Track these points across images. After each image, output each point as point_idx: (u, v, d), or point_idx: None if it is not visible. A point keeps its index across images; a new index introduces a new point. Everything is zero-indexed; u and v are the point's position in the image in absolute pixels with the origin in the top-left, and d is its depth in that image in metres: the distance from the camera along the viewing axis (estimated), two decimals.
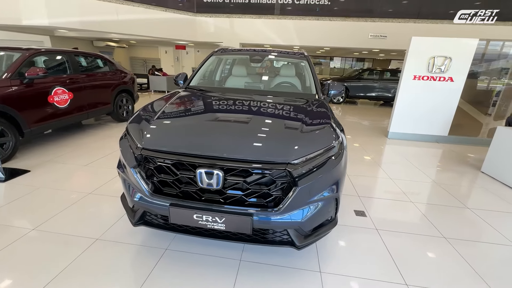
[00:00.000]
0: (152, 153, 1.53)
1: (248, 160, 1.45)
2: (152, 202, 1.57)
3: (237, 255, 1.89)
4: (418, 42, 4.77)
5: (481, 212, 2.68)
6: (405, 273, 1.81)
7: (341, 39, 8.28)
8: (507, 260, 2.02)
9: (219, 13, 8.53)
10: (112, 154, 3.74)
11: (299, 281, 1.70)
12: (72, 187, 2.76)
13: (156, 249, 1.92)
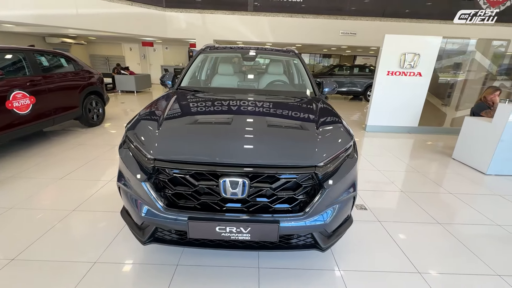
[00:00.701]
0: (167, 164, 1.39)
1: (275, 166, 1.38)
2: (167, 218, 1.43)
3: (254, 263, 1.83)
4: (390, 40, 5.06)
5: (463, 196, 2.93)
6: (414, 261, 1.90)
7: (314, 36, 8.47)
8: (492, 237, 2.23)
9: (190, 9, 8.16)
10: (89, 163, 3.38)
11: (324, 282, 1.69)
12: (51, 205, 2.43)
13: (166, 266, 1.76)
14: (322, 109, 2.03)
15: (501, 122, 3.35)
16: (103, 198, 2.58)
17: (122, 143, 1.71)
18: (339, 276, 1.74)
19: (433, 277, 1.76)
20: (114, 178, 2.95)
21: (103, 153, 3.77)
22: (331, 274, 1.75)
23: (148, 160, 1.43)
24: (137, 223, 1.59)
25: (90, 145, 4.08)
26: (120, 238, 2.02)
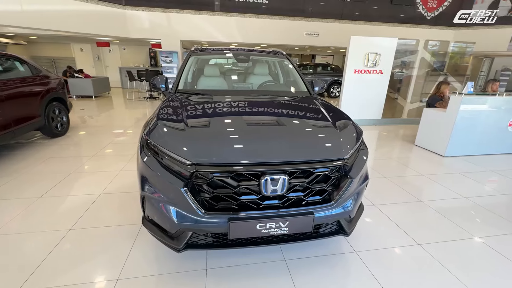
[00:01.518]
0: (209, 168, 1.39)
1: (311, 161, 1.49)
2: (207, 222, 1.44)
3: (279, 257, 1.91)
4: (355, 41, 5.54)
5: (432, 176, 3.41)
6: (412, 235, 2.19)
7: (280, 36, 8.76)
8: (462, 208, 2.66)
9: (152, 7, 7.76)
10: (69, 177, 3.07)
11: (346, 264, 1.86)
12: (41, 226, 2.18)
13: (195, 272, 1.75)
14: (326, 106, 2.20)
15: (454, 111, 3.96)
16: (101, 211, 2.40)
17: (141, 150, 1.65)
18: (357, 256, 1.93)
19: (430, 246, 2.06)
20: (106, 190, 2.77)
21: (81, 165, 3.45)
22: (350, 256, 1.93)
23: (186, 166, 1.41)
24: (169, 231, 1.56)
25: (62, 158, 3.69)
26: (136, 251, 1.92)
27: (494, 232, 2.27)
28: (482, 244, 2.12)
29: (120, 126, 5.54)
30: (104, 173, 3.21)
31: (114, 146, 4.25)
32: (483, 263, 1.91)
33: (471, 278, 1.75)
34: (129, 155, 3.81)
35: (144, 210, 1.71)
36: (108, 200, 2.61)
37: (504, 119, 4.19)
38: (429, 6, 9.35)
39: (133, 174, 3.19)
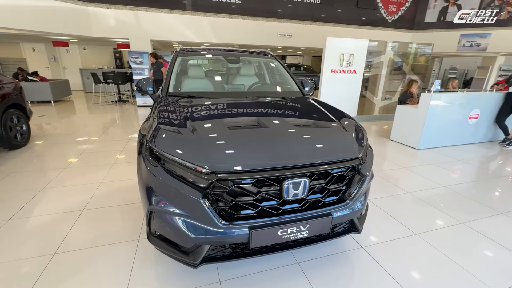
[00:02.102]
0: (231, 176, 1.31)
1: (329, 162, 1.48)
2: (227, 233, 1.36)
3: (291, 260, 1.89)
4: (331, 42, 5.74)
5: (411, 168, 3.66)
6: (408, 225, 2.32)
7: (254, 36, 8.77)
8: (442, 194, 2.90)
9: (119, 4, 7.24)
10: (40, 194, 2.72)
11: (355, 259, 1.90)
12: (19, 254, 1.89)
13: (210, 285, 1.65)
14: (326, 106, 2.23)
15: (425, 107, 4.30)
16: (89, 229, 2.16)
17: (145, 160, 1.51)
18: (364, 252, 1.98)
19: (426, 235, 2.20)
20: (88, 206, 2.51)
21: (52, 178, 3.08)
22: (358, 253, 1.98)
23: (205, 175, 1.31)
24: (183, 246, 1.44)
25: (26, 172, 3.26)
26: (139, 269, 1.76)
27: (473, 217, 2.50)
28: (468, 228, 2.32)
29: (89, 133, 5.07)
30: (81, 187, 2.91)
31: (87, 155, 3.88)
32: (471, 245, 2.09)
33: (467, 261, 1.91)
34: (105, 165, 3.51)
35: (150, 226, 1.56)
36: (93, 216, 2.36)
37: (465, 113, 4.66)
38: (390, 10, 10.08)
39: (115, 186, 2.94)
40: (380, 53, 6.52)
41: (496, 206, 2.71)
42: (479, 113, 4.75)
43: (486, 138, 5.14)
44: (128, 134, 5.09)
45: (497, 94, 4.78)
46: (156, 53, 6.84)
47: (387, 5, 9.95)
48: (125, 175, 3.22)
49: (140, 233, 2.14)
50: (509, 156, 4.39)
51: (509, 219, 2.47)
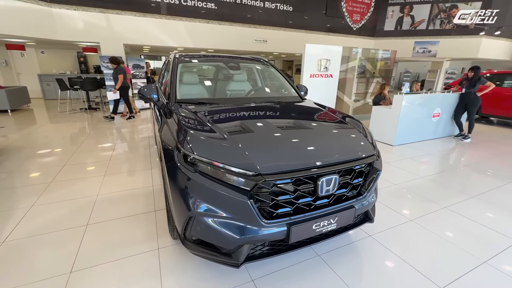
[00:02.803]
0: (274, 177, 1.40)
1: (353, 159, 1.65)
2: (269, 231, 1.45)
3: (312, 254, 2.02)
4: (309, 48, 6.08)
5: (392, 163, 4.06)
6: (403, 213, 2.60)
7: (231, 42, 8.85)
8: (422, 185, 3.28)
9: (87, 6, 6.80)
10: (31, 211, 2.50)
11: (368, 247, 2.10)
12: (27, 276, 1.74)
13: (244, 285, 1.71)
14: (329, 109, 2.42)
15: (398, 107, 4.79)
16: (97, 245, 2.06)
17: (178, 166, 1.52)
18: (373, 240, 2.20)
19: (419, 220, 2.50)
20: (91, 221, 2.37)
21: (40, 194, 2.84)
22: (368, 241, 2.18)
23: (251, 177, 1.38)
24: (225, 248, 1.49)
25: (6, 190, 2.95)
26: (167, 277, 1.75)
27: (452, 202, 2.89)
28: (450, 211, 2.68)
29: (62, 145, 4.71)
30: (75, 201, 2.73)
31: (69, 168, 3.61)
32: (456, 225, 2.43)
33: (455, 238, 2.22)
34: (94, 177, 3.32)
35: (186, 231, 1.57)
36: (99, 230, 2.25)
37: (429, 112, 5.29)
38: (354, 19, 10.92)
39: (111, 198, 2.82)
40: (347, 59, 7.02)
41: (467, 191, 3.15)
42: (440, 112, 5.41)
43: (445, 133, 5.86)
44: (110, 143, 4.82)
45: (454, 94, 5.51)
46: (116, 58, 6.39)
47: (351, 14, 10.76)
48: (118, 186, 3.09)
49: (157, 242, 2.11)
50: (465, 148, 5.07)
51: (480, 201, 2.91)
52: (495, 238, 2.27)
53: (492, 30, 9.80)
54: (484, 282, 1.78)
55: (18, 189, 2.98)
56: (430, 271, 1.86)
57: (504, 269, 1.90)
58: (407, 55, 11.18)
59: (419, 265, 1.92)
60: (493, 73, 7.36)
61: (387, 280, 1.79)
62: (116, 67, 6.41)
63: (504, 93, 6.78)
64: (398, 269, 1.89)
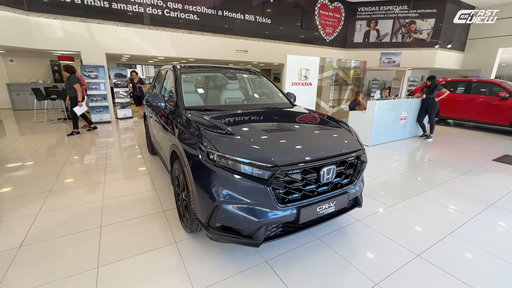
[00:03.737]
0: (288, 168, 1.71)
1: (346, 153, 2.01)
2: (282, 213, 1.75)
3: (312, 237, 2.35)
4: (290, 58, 6.57)
5: (370, 161, 4.56)
6: (383, 201, 3.03)
7: (213, 52, 9.13)
8: (399, 179, 3.79)
9: (68, 15, 6.70)
10: (39, 217, 2.55)
11: (358, 229, 2.47)
12: (55, 271, 1.85)
13: (259, 266, 1.97)
14: (319, 113, 2.81)
15: (371, 111, 5.38)
16: (116, 243, 2.20)
17: (204, 164, 1.78)
18: (360, 223, 2.58)
19: (398, 205, 2.94)
20: (104, 223, 2.49)
21: (42, 203, 2.86)
22: (357, 224, 2.56)
23: (269, 169, 1.68)
24: (246, 230, 1.75)
25: (12, 198, 2.93)
26: (191, 266, 1.96)
27: (423, 190, 3.40)
28: (422, 198, 3.17)
29: (51, 155, 4.63)
30: (82, 207, 2.81)
31: (65, 178, 3.62)
32: (428, 208, 2.91)
33: (426, 218, 2.68)
34: (91, 185, 3.39)
35: (209, 221, 1.81)
36: (114, 230, 2.39)
37: (397, 115, 5.97)
38: (327, 32, 11.79)
39: (118, 202, 2.94)
40: (322, 68, 7.63)
41: (432, 182, 3.71)
42: (406, 115, 6.13)
43: (411, 134, 6.60)
44: (100, 150, 4.82)
45: (417, 100, 6.28)
46: (70, 66, 5.86)
47: (324, 27, 11.62)
48: (120, 192, 3.20)
49: (173, 237, 2.30)
50: (428, 146, 5.79)
51: (442, 190, 3.44)
52: (455, 216, 2.77)
53: (445, 43, 11.16)
54: (450, 249, 2.22)
55: (15, 199, 2.97)
56: (408, 243, 2.27)
57: (465, 238, 2.37)
58: (375, 64, 12.25)
59: (399, 239, 2.32)
60: (447, 81, 8.42)
61: (376, 252, 2.16)
62: (70, 76, 5.78)
63: (457, 98, 7.79)
64: (383, 243, 2.27)
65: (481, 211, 2.86)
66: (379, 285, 1.80)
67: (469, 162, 4.62)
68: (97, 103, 7.56)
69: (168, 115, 2.68)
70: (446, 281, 1.86)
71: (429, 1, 10.99)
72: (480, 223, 2.63)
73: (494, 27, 10.79)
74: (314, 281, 1.84)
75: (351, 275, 1.91)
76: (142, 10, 7.69)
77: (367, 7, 11.91)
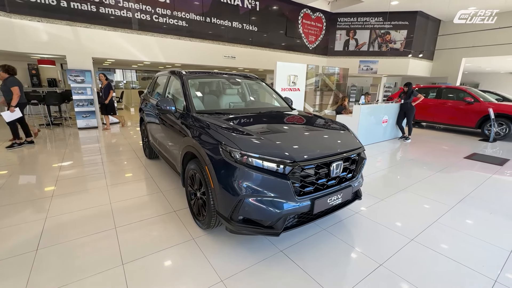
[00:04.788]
0: (305, 163, 1.93)
1: (350, 150, 2.26)
2: (301, 205, 1.95)
3: (319, 228, 2.57)
4: (280, 65, 6.89)
5: None
6: (376, 195, 3.34)
7: (202, 57, 9.25)
8: (387, 176, 4.16)
9: (53, 18, 6.53)
10: (49, 221, 2.54)
11: (358, 220, 2.73)
12: (82, 270, 1.90)
13: (275, 255, 2.15)
14: (318, 115, 3.07)
15: (357, 115, 5.80)
16: (135, 242, 2.28)
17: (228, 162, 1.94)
18: (359, 215, 2.85)
19: (389, 199, 3.26)
20: (117, 224, 2.55)
21: (47, 207, 2.83)
22: (356, 216, 2.82)
23: (288, 164, 1.88)
24: (267, 221, 1.93)
25: (14, 204, 2.86)
26: (213, 258, 2.09)
27: (408, 185, 3.77)
28: (409, 192, 3.52)
29: (45, 161, 4.50)
30: (92, 210, 2.83)
31: (65, 183, 3.58)
32: (414, 201, 3.26)
33: (414, 209, 3.02)
34: (96, 189, 3.39)
35: (232, 214, 1.96)
36: (130, 231, 2.45)
37: (379, 118, 6.46)
38: (310, 40, 12.37)
39: (126, 204, 2.98)
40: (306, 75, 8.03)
41: (416, 178, 4.11)
42: (387, 118, 6.65)
43: (392, 136, 7.14)
44: (95, 155, 4.75)
45: (396, 104, 6.83)
46: (11, 67, 5.14)
47: (307, 35, 12.18)
48: (127, 195, 3.24)
49: (190, 234, 2.41)
50: (408, 147, 6.31)
51: (425, 185, 3.84)
52: (438, 206, 3.13)
53: (417, 52, 12.15)
54: (438, 233, 2.54)
55: (15, 205, 2.91)
56: (402, 230, 2.56)
57: (448, 224, 2.71)
58: (354, 71, 13.00)
59: (394, 227, 2.61)
60: (420, 87, 9.19)
61: (376, 238, 2.43)
62: (8, 78, 4.99)
63: (429, 103, 8.53)
64: (381, 231, 2.55)
65: (458, 202, 3.26)
66: (384, 266, 2.06)
67: (444, 160, 5.14)
68: (83, 108, 7.36)
69: (179, 119, 2.80)
70: (438, 259, 2.16)
71: (402, 14, 11.95)
72: (458, 211, 3.01)
73: (458, 38, 11.94)
74: (327, 265, 2.05)
75: (358, 258, 2.16)
76: (131, 15, 7.67)
77: (346, 18, 12.67)
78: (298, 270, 1.98)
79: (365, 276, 1.94)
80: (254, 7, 10.19)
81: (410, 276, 1.95)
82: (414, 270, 2.02)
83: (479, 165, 4.88)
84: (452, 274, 1.99)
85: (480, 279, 1.95)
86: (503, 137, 7.15)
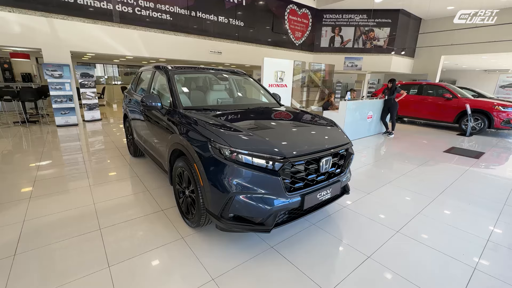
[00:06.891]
0: (295, 159, 1.92)
1: (339, 145, 2.29)
2: (291, 201, 1.96)
3: (308, 223, 2.60)
4: (267, 61, 6.85)
5: None
6: (363, 189, 3.42)
7: (187, 52, 9.03)
8: (374, 171, 4.27)
9: (27, 9, 6.11)
10: (27, 225, 2.40)
11: (345, 215, 2.78)
12: (70, 273, 1.81)
13: (266, 252, 2.15)
14: (306, 112, 3.09)
15: (343, 111, 5.89)
16: (121, 243, 2.20)
17: (219, 159, 1.91)
18: (347, 209, 2.90)
19: (374, 193, 3.35)
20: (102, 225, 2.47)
21: (24, 210, 2.68)
22: (344, 210, 2.88)
23: (278, 160, 1.87)
24: (258, 218, 1.92)
25: None
26: (203, 258, 2.06)
27: (391, 179, 3.88)
28: (394, 186, 3.63)
29: (21, 161, 4.25)
30: (73, 211, 2.71)
31: (44, 183, 3.40)
32: (398, 194, 3.37)
33: (399, 201, 3.12)
34: (78, 189, 3.25)
35: (222, 212, 1.94)
36: (115, 231, 2.37)
37: (364, 114, 6.60)
38: (296, 36, 12.40)
39: (110, 205, 2.88)
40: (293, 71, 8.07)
41: (399, 172, 4.24)
42: (372, 114, 6.81)
43: (376, 131, 7.33)
44: (75, 154, 4.55)
45: (380, 100, 7.00)
46: None
47: (294, 31, 12.20)
48: (111, 194, 3.13)
49: (179, 233, 2.36)
50: (391, 142, 6.51)
51: (408, 178, 3.98)
52: (421, 198, 3.25)
53: (399, 50, 12.49)
54: (422, 224, 2.64)
55: None
56: (388, 222, 2.64)
57: (430, 215, 2.82)
58: (340, 68, 13.19)
59: (380, 220, 2.69)
60: (402, 83, 9.47)
61: (363, 231, 2.49)
62: None
63: (410, 99, 8.82)
64: (368, 224, 2.62)
65: (439, 194, 3.40)
66: (371, 258, 2.11)
67: (425, 154, 5.34)
68: (62, 105, 7.01)
69: (165, 115, 2.72)
70: (421, 249, 2.24)
71: (385, 12, 12.22)
72: (440, 203, 3.14)
73: (437, 37, 12.39)
74: (318, 259, 2.08)
75: (347, 251, 2.20)
76: (111, 7, 7.34)
77: (332, 15, 12.79)
78: (289, 266, 2.00)
79: (354, 269, 1.98)
80: (240, 2, 10.06)
81: (396, 267, 2.01)
82: (400, 261, 2.08)
83: (457, 158, 5.11)
84: (435, 263, 2.08)
85: (461, 267, 2.04)
86: (479, 132, 7.53)
